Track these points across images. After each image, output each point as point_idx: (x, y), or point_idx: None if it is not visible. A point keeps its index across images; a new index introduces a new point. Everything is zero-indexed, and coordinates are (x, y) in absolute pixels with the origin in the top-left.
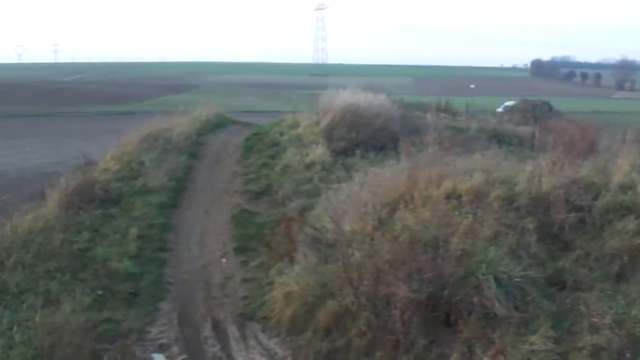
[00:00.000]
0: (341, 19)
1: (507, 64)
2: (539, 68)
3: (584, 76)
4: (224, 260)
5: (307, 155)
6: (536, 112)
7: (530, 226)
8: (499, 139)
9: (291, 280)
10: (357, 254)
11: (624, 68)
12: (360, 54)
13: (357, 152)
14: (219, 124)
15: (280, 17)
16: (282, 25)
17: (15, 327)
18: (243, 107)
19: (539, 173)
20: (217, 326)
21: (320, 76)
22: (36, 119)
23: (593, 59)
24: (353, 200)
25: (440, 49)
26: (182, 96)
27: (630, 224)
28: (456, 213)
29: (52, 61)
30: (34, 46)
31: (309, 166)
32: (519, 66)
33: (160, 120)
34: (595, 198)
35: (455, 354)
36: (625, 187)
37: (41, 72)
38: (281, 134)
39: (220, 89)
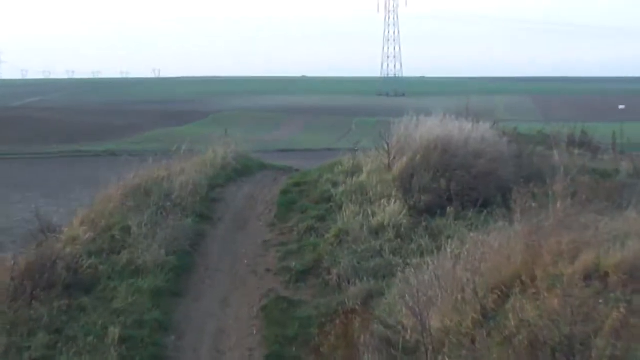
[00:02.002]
0: (420, 13)
1: None
2: None
3: None
4: None
5: (373, 215)
6: None
7: None
8: None
9: None
10: None
11: None
12: (450, 63)
13: (449, 209)
14: (242, 170)
15: (335, 14)
16: (337, 24)
17: None
18: (279, 143)
19: None
20: None
21: (392, 96)
22: None
23: None
24: (444, 282)
25: (570, 53)
26: (188, 128)
27: None
28: (600, 301)
29: None
30: None
31: (377, 232)
32: None
33: (155, 165)
34: None
35: None
36: None
37: None
38: (335, 183)
39: (244, 117)
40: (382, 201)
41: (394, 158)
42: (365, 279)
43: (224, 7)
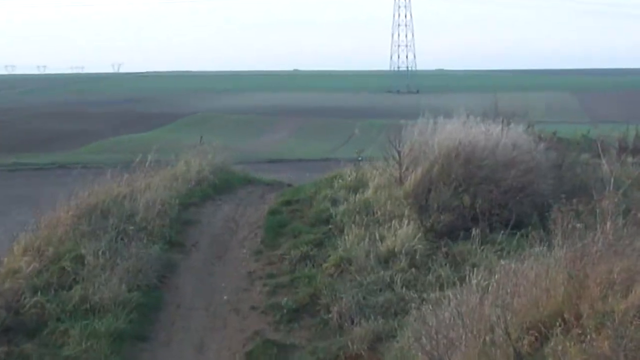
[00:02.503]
0: None
1: None
2: None
3: None
4: None
5: (382, 239)
6: None
7: None
8: None
9: None
10: None
11: None
12: (472, 54)
13: (474, 231)
14: (222, 186)
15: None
16: (336, 7)
17: None
18: (266, 152)
19: None
20: None
21: (404, 93)
22: None
23: None
24: (468, 321)
25: (620, 40)
26: (154, 134)
27: None
28: None
29: None
30: None
31: (387, 260)
32: None
33: (115, 180)
34: None
35: None
36: None
37: None
38: (334, 201)
39: (224, 120)
40: (393, 222)
41: (407, 170)
42: (372, 317)
43: None
